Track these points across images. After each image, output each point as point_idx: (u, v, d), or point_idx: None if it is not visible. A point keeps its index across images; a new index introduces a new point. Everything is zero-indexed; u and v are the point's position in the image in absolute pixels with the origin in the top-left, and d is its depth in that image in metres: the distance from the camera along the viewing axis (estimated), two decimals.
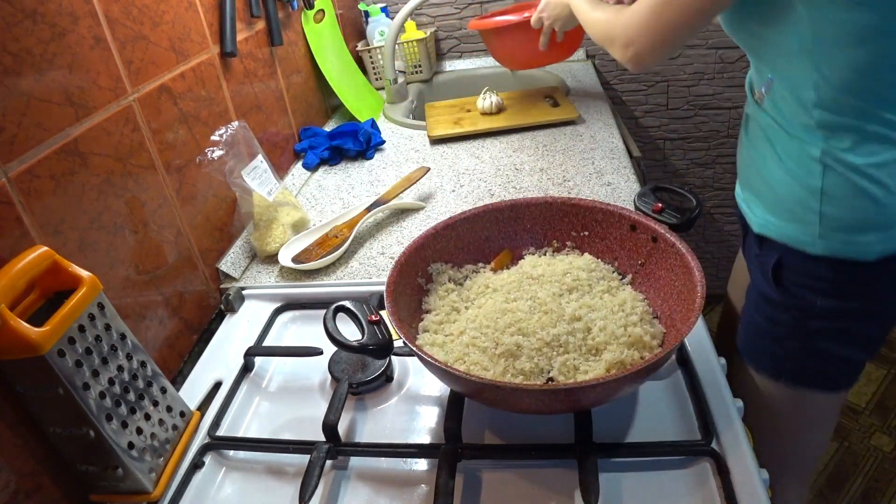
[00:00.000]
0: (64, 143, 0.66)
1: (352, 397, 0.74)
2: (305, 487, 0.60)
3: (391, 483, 0.64)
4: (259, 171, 0.97)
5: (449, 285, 0.76)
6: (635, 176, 1.09)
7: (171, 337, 0.83)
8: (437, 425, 0.70)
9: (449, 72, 1.79)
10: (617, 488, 0.60)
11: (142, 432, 0.64)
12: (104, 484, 0.63)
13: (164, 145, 0.84)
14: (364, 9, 1.70)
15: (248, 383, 0.80)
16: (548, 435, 0.65)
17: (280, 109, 1.25)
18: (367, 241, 1.03)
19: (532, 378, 0.63)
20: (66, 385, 0.56)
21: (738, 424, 0.63)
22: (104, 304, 0.62)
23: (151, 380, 0.67)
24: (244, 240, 1.01)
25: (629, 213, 0.75)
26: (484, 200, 1.08)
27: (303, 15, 1.37)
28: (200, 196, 0.92)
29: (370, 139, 1.33)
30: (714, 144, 1.91)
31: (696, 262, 0.65)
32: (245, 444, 0.71)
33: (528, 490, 0.61)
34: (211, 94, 0.97)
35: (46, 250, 0.59)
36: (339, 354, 0.78)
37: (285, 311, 0.91)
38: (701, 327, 0.76)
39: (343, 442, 0.67)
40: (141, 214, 0.78)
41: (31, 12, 0.63)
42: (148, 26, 0.82)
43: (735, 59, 1.75)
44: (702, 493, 0.59)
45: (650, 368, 0.57)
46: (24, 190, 0.61)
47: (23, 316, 0.55)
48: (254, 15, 1.13)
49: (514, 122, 1.34)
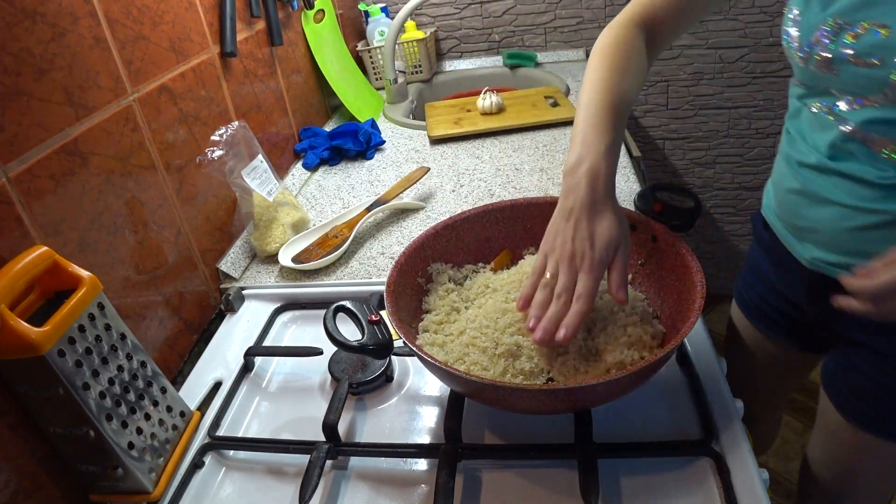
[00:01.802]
0: (64, 143, 0.66)
1: (352, 397, 0.74)
2: (305, 487, 0.60)
3: (391, 483, 0.64)
4: (259, 171, 0.97)
5: (449, 285, 0.76)
6: (635, 176, 1.09)
7: (171, 337, 0.83)
8: (437, 425, 0.70)
9: (449, 72, 1.79)
10: (617, 488, 0.60)
11: (142, 432, 0.64)
12: (104, 484, 0.63)
13: (164, 145, 0.84)
14: (364, 9, 1.70)
15: (248, 383, 0.80)
16: (548, 435, 0.65)
17: (280, 109, 1.25)
18: (367, 241, 1.03)
19: (532, 378, 0.63)
20: (66, 385, 0.56)
21: (738, 424, 0.63)
22: (104, 304, 0.62)
23: (151, 380, 0.67)
24: (244, 240, 1.01)
25: (629, 213, 0.75)
26: (484, 200, 1.08)
27: (303, 15, 1.37)
28: (200, 196, 0.92)
29: (370, 139, 1.33)
30: (714, 144, 1.91)
31: (696, 262, 0.65)
32: (245, 444, 0.71)
33: (528, 490, 0.61)
34: (211, 94, 0.97)
35: (46, 250, 0.59)
36: (339, 354, 0.78)
37: (285, 311, 0.91)
38: (701, 327, 0.76)
39: (343, 442, 0.67)
40: (141, 214, 0.78)
41: (31, 12, 0.63)
42: (148, 26, 0.82)
43: (735, 59, 1.76)
44: (702, 493, 0.59)
45: (650, 368, 0.57)
46: (24, 190, 0.61)
47: (23, 316, 0.55)
48: (254, 15, 1.13)
49: (514, 122, 1.34)
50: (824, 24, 0.60)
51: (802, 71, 0.67)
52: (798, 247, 0.73)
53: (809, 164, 0.68)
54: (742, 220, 2.03)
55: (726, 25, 1.71)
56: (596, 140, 0.63)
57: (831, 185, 0.66)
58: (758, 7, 1.67)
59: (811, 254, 0.71)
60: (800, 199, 0.70)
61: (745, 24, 1.70)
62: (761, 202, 0.84)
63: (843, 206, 0.65)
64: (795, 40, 0.65)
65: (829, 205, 0.66)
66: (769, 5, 1.66)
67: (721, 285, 2.17)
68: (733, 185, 1.97)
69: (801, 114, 0.70)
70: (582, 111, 0.66)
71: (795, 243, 0.74)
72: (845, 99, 0.62)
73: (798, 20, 0.65)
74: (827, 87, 0.64)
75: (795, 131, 0.71)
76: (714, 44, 1.74)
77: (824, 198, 0.66)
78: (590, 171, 0.62)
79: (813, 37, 0.62)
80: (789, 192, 0.72)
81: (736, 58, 1.75)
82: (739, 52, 1.74)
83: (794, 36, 0.66)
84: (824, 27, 0.61)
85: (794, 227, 0.74)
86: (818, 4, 0.62)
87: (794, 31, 0.66)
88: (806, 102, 0.69)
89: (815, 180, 0.67)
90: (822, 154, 0.66)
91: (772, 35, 1.70)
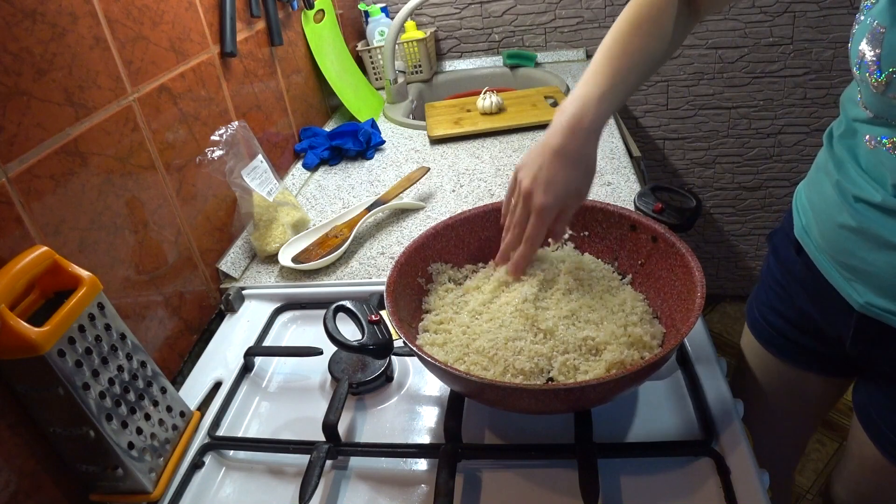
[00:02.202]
0: (64, 143, 0.66)
1: (352, 397, 0.74)
2: (305, 487, 0.60)
3: (391, 483, 0.64)
4: (259, 171, 0.97)
5: (449, 285, 0.76)
6: (635, 176, 1.09)
7: (171, 337, 0.83)
8: (437, 425, 0.70)
9: (449, 72, 1.79)
10: (617, 488, 0.60)
11: (142, 432, 0.64)
12: (104, 484, 0.63)
13: (164, 145, 0.84)
14: (364, 9, 1.70)
15: (248, 383, 0.80)
16: (548, 435, 0.65)
17: (280, 109, 1.25)
18: (367, 241, 1.03)
19: (532, 378, 0.63)
20: (66, 385, 0.56)
21: (738, 424, 0.63)
22: (104, 304, 0.62)
23: (151, 380, 0.67)
24: (244, 240, 1.01)
25: (629, 213, 0.75)
26: (484, 200, 1.08)
27: (303, 15, 1.37)
28: (200, 196, 0.92)
29: (370, 139, 1.33)
30: (714, 144, 1.91)
31: (696, 262, 0.65)
32: (245, 444, 0.71)
33: (528, 490, 0.61)
34: (211, 94, 0.97)
35: (46, 250, 0.59)
36: (339, 354, 0.78)
37: (285, 311, 0.91)
38: (701, 327, 0.76)
39: (343, 442, 0.67)
40: (141, 214, 0.78)
41: (31, 12, 0.63)
42: (148, 26, 0.82)
43: (735, 59, 1.76)
44: (702, 493, 0.59)
45: (650, 368, 0.57)
46: (24, 190, 0.61)
47: (23, 316, 0.55)
48: (254, 15, 1.13)
49: (514, 122, 1.34)
50: None
51: (874, 98, 0.57)
52: (847, 288, 0.65)
53: (871, 202, 0.59)
54: (742, 220, 2.03)
55: (726, 25, 1.71)
56: (590, 86, 0.64)
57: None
58: (758, 7, 1.67)
59: (865, 298, 0.63)
60: (855, 238, 0.62)
61: (745, 24, 1.70)
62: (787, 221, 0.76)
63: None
64: (873, 62, 0.54)
65: (893, 249, 0.58)
66: (769, 5, 1.66)
67: (721, 285, 2.17)
68: (733, 185, 1.97)
69: (857, 137, 0.62)
70: (592, 61, 0.68)
71: (844, 284, 0.66)
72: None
73: (879, 38, 0.54)
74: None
75: (849, 156, 0.63)
76: (714, 44, 1.74)
77: (887, 241, 0.58)
78: (573, 115, 0.63)
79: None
80: (841, 227, 0.63)
81: (736, 58, 1.75)
82: (739, 52, 1.74)
83: (871, 57, 0.55)
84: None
85: (844, 266, 0.65)
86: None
87: (872, 50, 0.55)
88: (862, 130, 0.61)
89: (877, 220, 0.59)
90: (887, 192, 0.58)
91: (772, 35, 1.70)
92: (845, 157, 0.63)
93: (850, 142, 0.63)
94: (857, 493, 0.79)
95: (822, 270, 0.69)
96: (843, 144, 0.64)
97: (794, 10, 1.66)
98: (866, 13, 0.56)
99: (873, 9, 0.55)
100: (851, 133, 0.63)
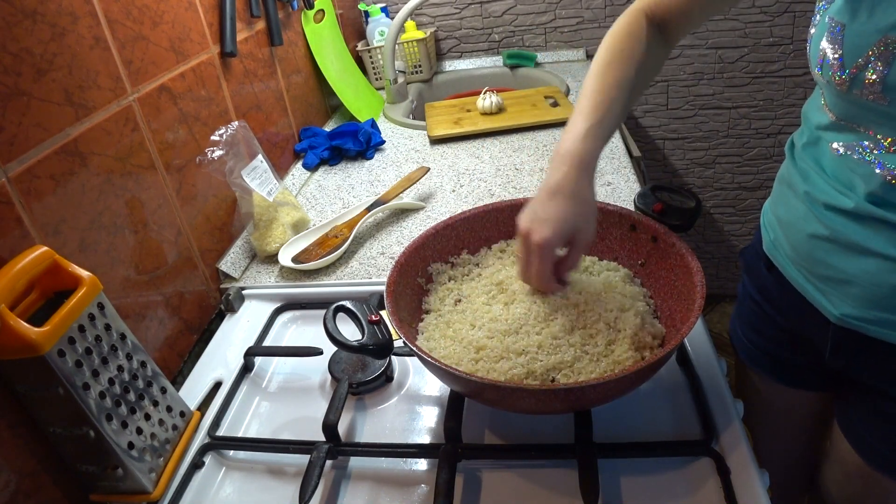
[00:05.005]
0: (64, 143, 0.66)
1: (352, 397, 0.74)
2: (305, 487, 0.60)
3: (391, 483, 0.64)
4: (259, 171, 0.97)
5: (449, 285, 0.76)
6: (635, 176, 1.09)
7: (171, 337, 0.83)
8: (437, 425, 0.70)
9: (449, 72, 1.79)
10: (617, 488, 0.60)
11: (142, 432, 0.64)
12: (104, 484, 0.63)
13: (164, 145, 0.84)
14: (364, 9, 1.70)
15: (248, 383, 0.80)
16: (548, 435, 0.65)
17: (280, 109, 1.25)
18: (367, 241, 1.03)
19: (532, 378, 0.63)
20: (66, 385, 0.56)
21: (738, 424, 0.63)
22: (104, 304, 0.62)
23: (151, 380, 0.67)
24: (244, 240, 1.01)
25: (629, 213, 0.75)
26: (484, 200, 1.08)
27: (303, 15, 1.37)
28: (200, 196, 0.92)
29: (370, 139, 1.33)
30: (714, 144, 1.91)
31: (696, 262, 0.65)
32: (245, 444, 0.71)
33: (528, 490, 0.61)
34: (211, 94, 0.97)
35: (46, 250, 0.59)
36: (339, 354, 0.78)
37: (285, 311, 0.91)
38: (701, 327, 0.76)
39: (343, 442, 0.67)
40: (141, 214, 0.78)
41: (31, 12, 0.63)
42: (148, 26, 0.82)
43: (735, 59, 1.76)
44: (702, 493, 0.59)
45: (650, 368, 0.57)
46: (23, 190, 0.61)
47: (23, 316, 0.55)
48: (254, 15, 1.13)
49: (514, 122, 1.34)
50: (881, 42, 0.51)
51: (838, 98, 0.57)
52: (823, 300, 0.64)
53: (843, 208, 0.59)
54: (742, 220, 2.03)
55: (726, 25, 1.71)
56: (576, 124, 0.65)
57: (871, 233, 0.57)
58: (758, 7, 1.67)
59: (841, 310, 0.62)
60: (828, 246, 0.61)
61: (745, 24, 1.70)
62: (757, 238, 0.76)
63: (887, 257, 0.56)
64: (835, 60, 0.54)
65: (868, 256, 0.58)
66: (769, 5, 1.66)
67: (721, 285, 2.17)
68: (733, 185, 1.97)
69: (821, 145, 0.62)
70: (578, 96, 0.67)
71: (819, 297, 0.65)
72: (882, 136, 0.54)
73: (839, 36, 0.54)
74: (863, 121, 0.56)
75: (814, 165, 0.63)
76: (714, 44, 1.74)
77: (862, 247, 0.58)
78: (562, 154, 0.64)
79: (862, 57, 0.52)
80: (813, 237, 0.63)
81: (736, 58, 1.75)
82: (739, 52, 1.74)
83: (833, 55, 0.55)
84: (879, 45, 0.51)
85: (819, 277, 0.64)
86: (866, 14, 0.52)
87: (832, 48, 0.55)
88: (826, 137, 0.60)
89: (849, 227, 0.58)
90: (860, 198, 0.57)
91: (772, 35, 1.70)
92: (810, 166, 0.63)
93: (814, 150, 0.63)
94: (844, 496, 0.79)
95: (795, 285, 0.69)
96: (808, 153, 0.65)
97: (794, 10, 1.66)
98: (823, 13, 0.57)
99: (830, 7, 0.56)
100: (815, 141, 0.63)
